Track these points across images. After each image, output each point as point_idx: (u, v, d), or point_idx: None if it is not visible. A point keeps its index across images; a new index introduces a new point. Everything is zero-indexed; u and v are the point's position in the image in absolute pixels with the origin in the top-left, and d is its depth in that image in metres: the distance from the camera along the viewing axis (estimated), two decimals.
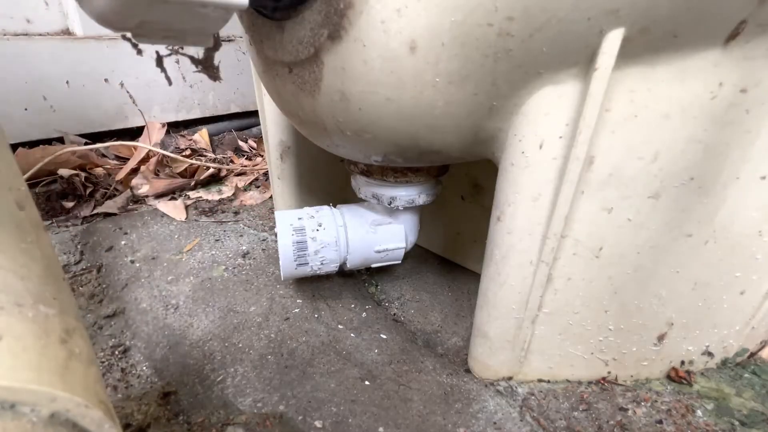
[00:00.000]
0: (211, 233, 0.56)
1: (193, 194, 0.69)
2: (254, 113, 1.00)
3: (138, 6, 0.17)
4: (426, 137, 0.27)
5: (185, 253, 0.51)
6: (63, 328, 0.13)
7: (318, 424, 0.30)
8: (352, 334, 0.39)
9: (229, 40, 0.93)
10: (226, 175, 0.77)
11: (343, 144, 0.30)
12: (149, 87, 0.84)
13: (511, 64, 0.22)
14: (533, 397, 0.33)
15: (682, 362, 0.34)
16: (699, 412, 0.31)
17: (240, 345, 0.37)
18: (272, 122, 0.45)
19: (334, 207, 0.41)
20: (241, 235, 0.56)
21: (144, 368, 0.35)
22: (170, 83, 0.86)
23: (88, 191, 0.64)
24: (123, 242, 0.53)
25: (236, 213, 0.63)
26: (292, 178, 0.50)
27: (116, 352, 0.36)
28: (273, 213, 0.63)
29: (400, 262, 0.43)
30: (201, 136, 0.89)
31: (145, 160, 0.73)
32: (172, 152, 0.78)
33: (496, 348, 0.33)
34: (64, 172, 0.65)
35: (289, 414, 0.31)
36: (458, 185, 0.46)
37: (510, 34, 0.21)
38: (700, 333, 0.32)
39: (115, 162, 0.76)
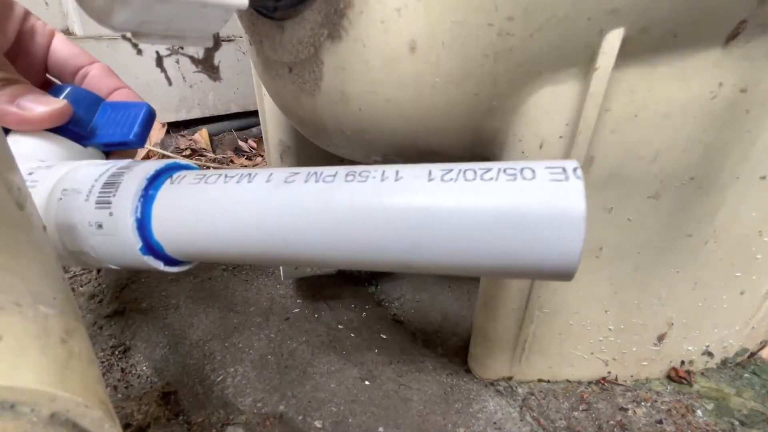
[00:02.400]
0: None
1: None
2: (254, 113, 1.00)
3: (138, 6, 0.17)
4: (426, 137, 0.27)
5: None
6: (63, 328, 0.13)
7: (318, 424, 0.30)
8: (352, 334, 0.39)
9: (229, 40, 0.93)
10: None
11: (343, 144, 0.30)
12: (149, 87, 0.84)
13: (511, 64, 0.22)
14: (533, 397, 0.33)
15: (682, 362, 0.34)
16: (699, 412, 0.31)
17: (240, 345, 0.37)
18: (272, 122, 0.45)
19: None
20: None
21: (144, 368, 0.35)
22: (170, 83, 0.86)
23: None
24: None
25: None
26: None
27: (116, 352, 0.36)
28: None
29: None
30: (201, 136, 0.89)
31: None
32: (172, 152, 0.77)
33: (496, 348, 0.33)
34: None
35: (289, 414, 0.31)
36: None
37: (510, 34, 0.21)
38: (700, 333, 0.32)
39: None
